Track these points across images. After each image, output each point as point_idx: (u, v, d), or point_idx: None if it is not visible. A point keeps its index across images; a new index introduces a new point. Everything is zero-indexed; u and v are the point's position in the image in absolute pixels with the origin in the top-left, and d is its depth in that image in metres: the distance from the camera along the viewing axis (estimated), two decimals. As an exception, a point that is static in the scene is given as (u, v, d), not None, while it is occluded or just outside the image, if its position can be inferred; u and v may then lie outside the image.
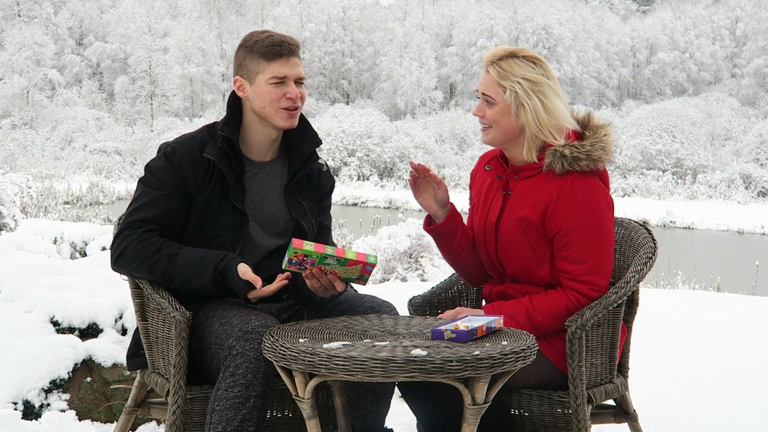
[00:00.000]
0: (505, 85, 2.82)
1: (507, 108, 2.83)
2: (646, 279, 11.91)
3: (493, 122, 2.86)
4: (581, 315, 2.73)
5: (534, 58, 2.85)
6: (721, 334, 6.00)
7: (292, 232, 2.93)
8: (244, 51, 2.86)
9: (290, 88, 2.83)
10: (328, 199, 3.07)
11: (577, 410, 2.73)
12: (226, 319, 2.71)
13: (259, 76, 2.83)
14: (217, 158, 2.81)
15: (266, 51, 2.82)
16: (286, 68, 2.83)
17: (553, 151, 2.81)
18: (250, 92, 2.85)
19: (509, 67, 2.82)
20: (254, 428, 2.58)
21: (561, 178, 2.81)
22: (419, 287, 7.23)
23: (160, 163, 2.84)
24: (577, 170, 2.80)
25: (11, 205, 9.16)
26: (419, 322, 2.70)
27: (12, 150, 42.71)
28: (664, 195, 39.30)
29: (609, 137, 2.86)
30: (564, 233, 2.80)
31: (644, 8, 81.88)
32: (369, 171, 45.14)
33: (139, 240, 2.76)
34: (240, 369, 2.58)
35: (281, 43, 2.83)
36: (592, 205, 2.80)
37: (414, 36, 64.33)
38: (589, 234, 2.79)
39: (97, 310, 4.04)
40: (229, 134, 2.84)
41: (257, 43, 2.84)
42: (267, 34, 2.86)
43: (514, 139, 2.87)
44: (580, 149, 2.80)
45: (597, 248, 2.80)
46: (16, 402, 3.64)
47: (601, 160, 2.83)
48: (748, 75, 66.55)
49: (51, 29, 67.09)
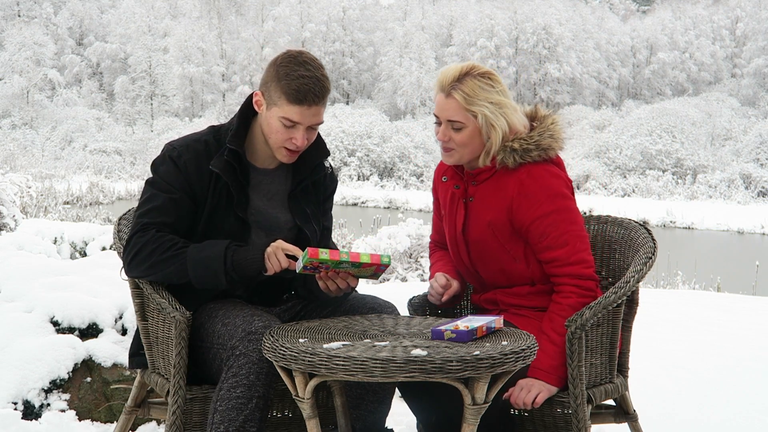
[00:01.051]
0: (474, 110, 2.83)
1: (477, 131, 2.85)
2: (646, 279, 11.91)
3: (461, 145, 2.86)
4: (581, 315, 2.74)
5: (488, 74, 2.85)
6: (721, 334, 6.00)
7: (294, 238, 2.91)
8: (274, 75, 2.75)
9: (298, 135, 2.76)
10: (330, 201, 3.06)
11: (576, 410, 2.73)
12: (229, 320, 2.70)
13: (275, 108, 2.76)
14: (223, 172, 2.79)
15: (290, 92, 2.72)
16: (302, 117, 2.74)
17: (503, 148, 2.84)
18: (264, 113, 2.80)
19: (472, 91, 2.82)
20: (256, 429, 2.58)
21: (516, 172, 2.84)
22: (419, 287, 7.23)
23: (167, 167, 2.82)
24: (530, 161, 2.84)
25: (11, 205, 9.16)
26: (419, 322, 2.70)
27: (12, 150, 42.67)
28: (664, 195, 39.30)
29: (557, 125, 2.90)
30: (537, 224, 2.82)
31: (644, 8, 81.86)
32: (369, 171, 45.13)
33: (154, 239, 2.74)
34: (243, 369, 2.58)
35: (307, 93, 2.71)
36: (554, 189, 2.83)
37: (414, 36, 64.31)
38: (561, 217, 2.82)
39: (97, 310, 4.04)
40: (237, 147, 2.81)
41: (287, 77, 2.72)
42: (301, 72, 2.72)
43: (477, 155, 2.90)
44: (528, 141, 2.84)
45: (572, 227, 2.84)
46: (16, 402, 3.64)
47: (552, 147, 2.87)
48: (748, 75, 66.52)
49: (51, 29, 67.06)
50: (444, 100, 2.86)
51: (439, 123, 2.90)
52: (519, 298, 2.92)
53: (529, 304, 2.90)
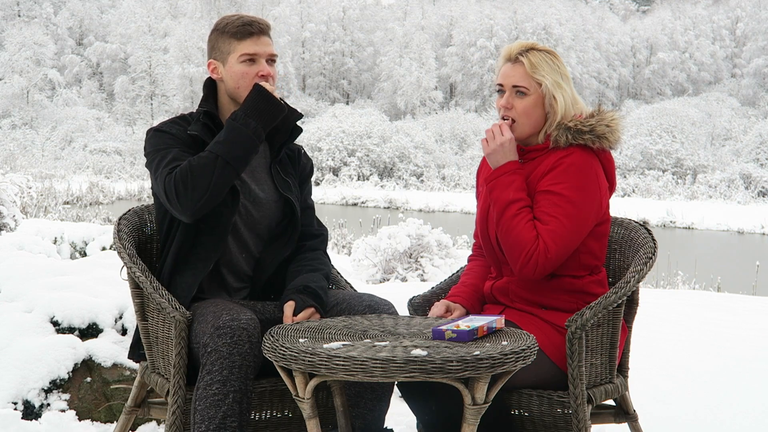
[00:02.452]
0: (539, 79, 2.86)
1: (540, 99, 2.88)
2: (646, 279, 11.91)
3: (523, 114, 2.88)
4: (581, 315, 2.74)
5: (552, 52, 2.92)
6: (721, 334, 5.99)
7: (281, 209, 2.98)
8: (216, 34, 2.94)
9: (262, 66, 2.90)
10: (308, 182, 3.14)
11: (577, 410, 2.73)
12: (202, 317, 2.72)
13: (230, 56, 2.89)
14: (201, 132, 2.87)
15: (237, 31, 2.89)
16: (257, 46, 2.89)
17: (557, 125, 2.86)
18: (223, 73, 2.92)
19: (538, 61, 2.87)
20: (237, 423, 2.59)
21: (562, 151, 2.85)
22: (419, 287, 7.22)
23: (159, 137, 2.90)
24: (581, 143, 2.84)
25: (11, 205, 9.16)
26: (419, 322, 2.70)
27: (12, 150, 42.73)
28: (664, 195, 39.30)
29: (616, 121, 2.90)
30: (542, 195, 2.81)
31: (644, 8, 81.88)
32: (369, 171, 45.13)
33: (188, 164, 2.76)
34: (215, 366, 2.59)
35: (251, 23, 2.90)
36: (580, 183, 2.80)
37: (414, 36, 64.33)
38: (565, 207, 2.78)
39: (97, 310, 4.04)
40: (210, 108, 2.92)
41: (228, 24, 2.92)
42: (237, 16, 2.94)
43: (535, 132, 2.91)
44: (584, 123, 2.85)
45: (566, 221, 2.78)
46: (16, 402, 3.63)
47: (605, 137, 2.86)
48: (748, 75, 66.56)
49: (51, 29, 67.07)
50: (510, 67, 2.90)
51: (502, 92, 2.92)
52: (530, 291, 2.90)
53: (538, 299, 2.89)
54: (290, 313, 2.81)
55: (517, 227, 2.79)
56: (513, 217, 2.80)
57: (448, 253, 10.87)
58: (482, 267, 3.11)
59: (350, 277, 9.67)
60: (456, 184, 43.14)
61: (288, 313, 2.81)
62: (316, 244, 3.06)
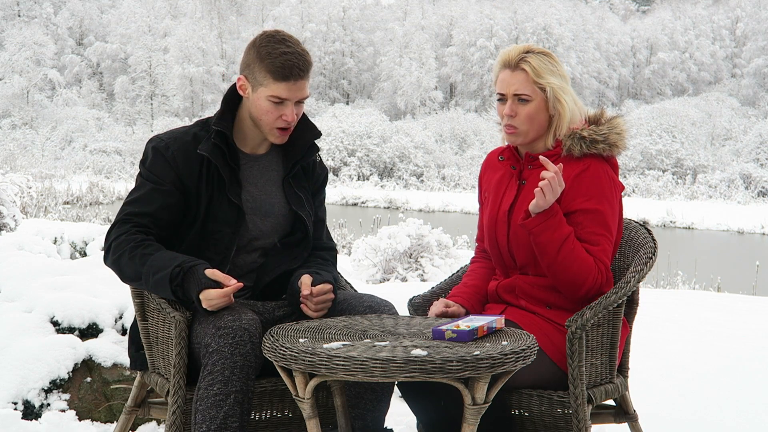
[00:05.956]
0: (542, 83, 2.86)
1: (543, 104, 2.88)
2: (646, 279, 11.91)
3: (527, 120, 2.88)
4: (581, 315, 2.74)
5: (549, 54, 2.91)
6: (721, 334, 6.00)
7: (291, 223, 2.95)
8: (255, 56, 2.81)
9: (288, 111, 2.81)
10: (322, 192, 3.09)
11: (577, 410, 2.73)
12: (203, 317, 2.72)
13: (261, 89, 2.80)
14: (211, 154, 2.81)
15: (276, 70, 2.77)
16: (289, 92, 2.79)
17: (571, 134, 2.86)
18: (250, 96, 2.84)
19: (539, 65, 2.87)
20: (238, 423, 2.59)
21: (577, 163, 2.85)
22: (419, 287, 7.23)
23: (155, 160, 2.84)
24: (594, 153, 2.86)
25: (11, 205, 9.16)
26: (419, 322, 2.70)
27: (12, 150, 42.68)
28: (664, 195, 39.30)
29: (625, 129, 2.93)
30: (578, 215, 2.83)
31: (644, 8, 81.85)
32: (369, 171, 45.12)
33: (127, 234, 2.76)
34: (217, 366, 2.58)
35: (292, 67, 2.77)
36: (605, 191, 2.85)
37: (414, 36, 64.31)
38: (600, 218, 2.83)
39: (97, 310, 4.04)
40: (223, 128, 2.84)
41: (270, 54, 2.77)
42: (282, 49, 2.78)
43: (541, 135, 2.92)
44: (597, 132, 2.86)
45: (603, 230, 2.84)
46: (16, 402, 3.64)
47: (617, 145, 2.89)
48: (748, 75, 66.52)
49: (51, 29, 67.05)
50: (510, 75, 2.89)
51: (503, 100, 2.91)
52: (537, 288, 2.90)
53: (545, 298, 2.89)
54: (309, 282, 2.79)
55: (577, 259, 2.80)
56: (571, 251, 2.79)
57: (448, 253, 10.88)
58: (485, 269, 3.11)
59: (350, 277, 9.66)
60: (456, 184, 43.13)
61: (307, 282, 2.79)
62: (324, 255, 3.05)
